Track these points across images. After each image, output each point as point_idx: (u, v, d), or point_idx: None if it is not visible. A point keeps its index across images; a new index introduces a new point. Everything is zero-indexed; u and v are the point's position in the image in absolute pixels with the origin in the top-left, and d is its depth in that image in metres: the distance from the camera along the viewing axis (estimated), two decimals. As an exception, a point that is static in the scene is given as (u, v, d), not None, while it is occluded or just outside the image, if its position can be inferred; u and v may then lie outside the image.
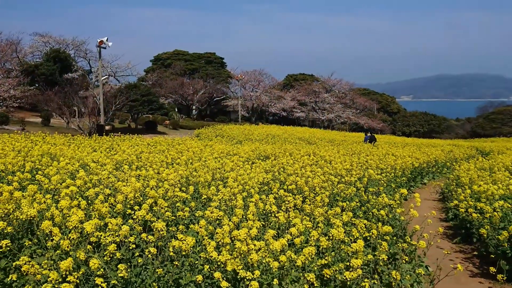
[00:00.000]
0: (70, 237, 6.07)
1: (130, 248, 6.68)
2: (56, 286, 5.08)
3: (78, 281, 5.43)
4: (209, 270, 6.27)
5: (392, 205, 10.66)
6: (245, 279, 5.73)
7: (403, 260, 7.87)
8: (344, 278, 6.23)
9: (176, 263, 6.40)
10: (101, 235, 6.41)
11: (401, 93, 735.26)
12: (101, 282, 5.40)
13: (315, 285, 6.24)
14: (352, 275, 6.13)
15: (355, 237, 7.67)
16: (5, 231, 6.74)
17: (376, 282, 7.08)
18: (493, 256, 9.88)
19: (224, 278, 5.85)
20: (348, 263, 6.48)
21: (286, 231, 7.71)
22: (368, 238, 8.14)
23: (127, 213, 8.29)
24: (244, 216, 8.11)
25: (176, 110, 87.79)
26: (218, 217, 7.91)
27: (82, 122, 48.10)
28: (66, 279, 5.27)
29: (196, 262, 6.51)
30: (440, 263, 7.73)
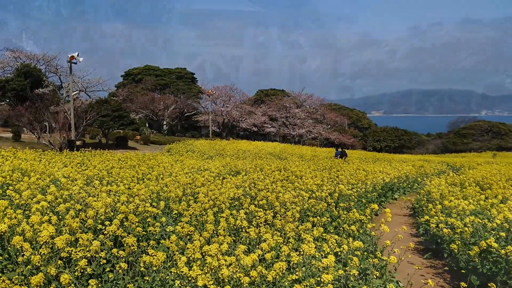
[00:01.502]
0: (41, 252, 6.05)
1: (101, 263, 6.65)
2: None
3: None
4: (180, 285, 6.25)
5: (363, 221, 10.72)
6: (216, 294, 5.74)
7: (374, 276, 7.91)
8: (315, 293, 6.26)
9: (147, 278, 6.39)
10: (72, 250, 6.38)
11: (372, 108, 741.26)
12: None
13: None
14: (323, 290, 6.16)
15: (326, 252, 7.71)
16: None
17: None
18: (464, 271, 9.97)
19: (195, 293, 5.86)
20: (319, 279, 6.51)
21: (257, 246, 7.73)
22: (339, 253, 8.15)
23: (98, 228, 8.25)
24: (215, 231, 8.14)
25: (147, 125, 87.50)
26: (189, 232, 7.92)
27: (53, 138, 47.64)
28: (37, 295, 5.25)
29: (167, 278, 6.50)
30: (411, 278, 7.80)
